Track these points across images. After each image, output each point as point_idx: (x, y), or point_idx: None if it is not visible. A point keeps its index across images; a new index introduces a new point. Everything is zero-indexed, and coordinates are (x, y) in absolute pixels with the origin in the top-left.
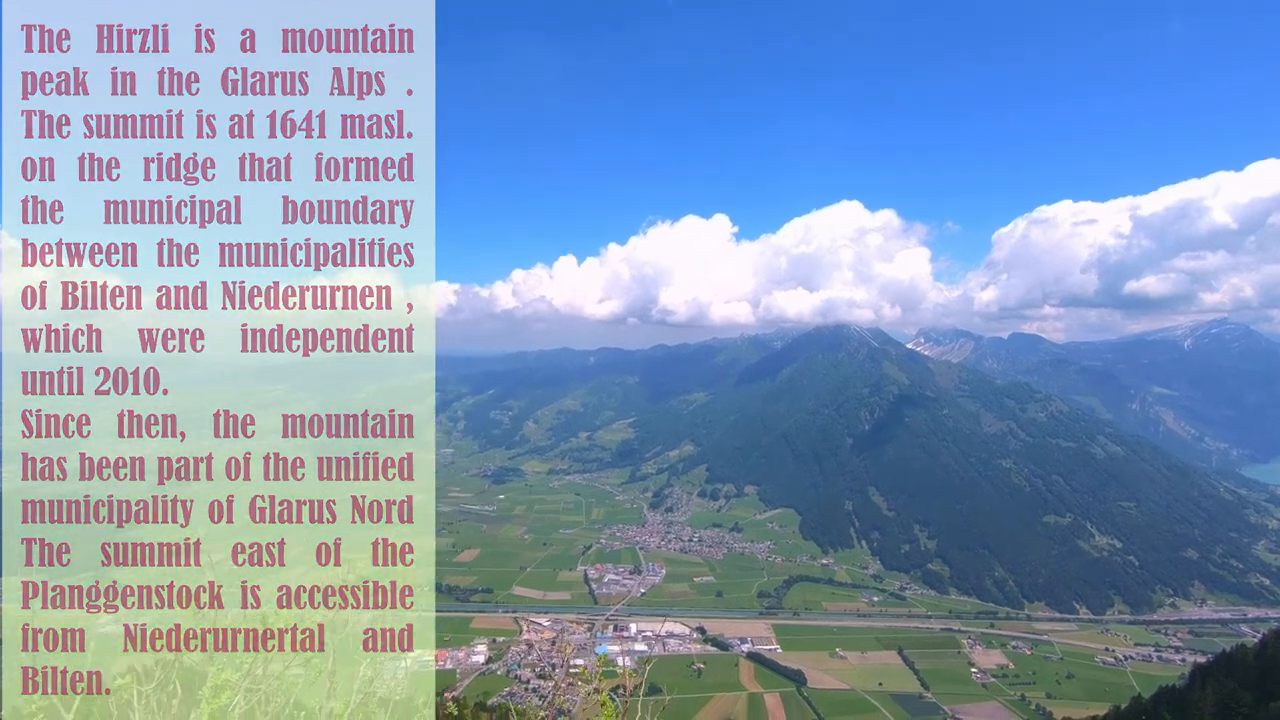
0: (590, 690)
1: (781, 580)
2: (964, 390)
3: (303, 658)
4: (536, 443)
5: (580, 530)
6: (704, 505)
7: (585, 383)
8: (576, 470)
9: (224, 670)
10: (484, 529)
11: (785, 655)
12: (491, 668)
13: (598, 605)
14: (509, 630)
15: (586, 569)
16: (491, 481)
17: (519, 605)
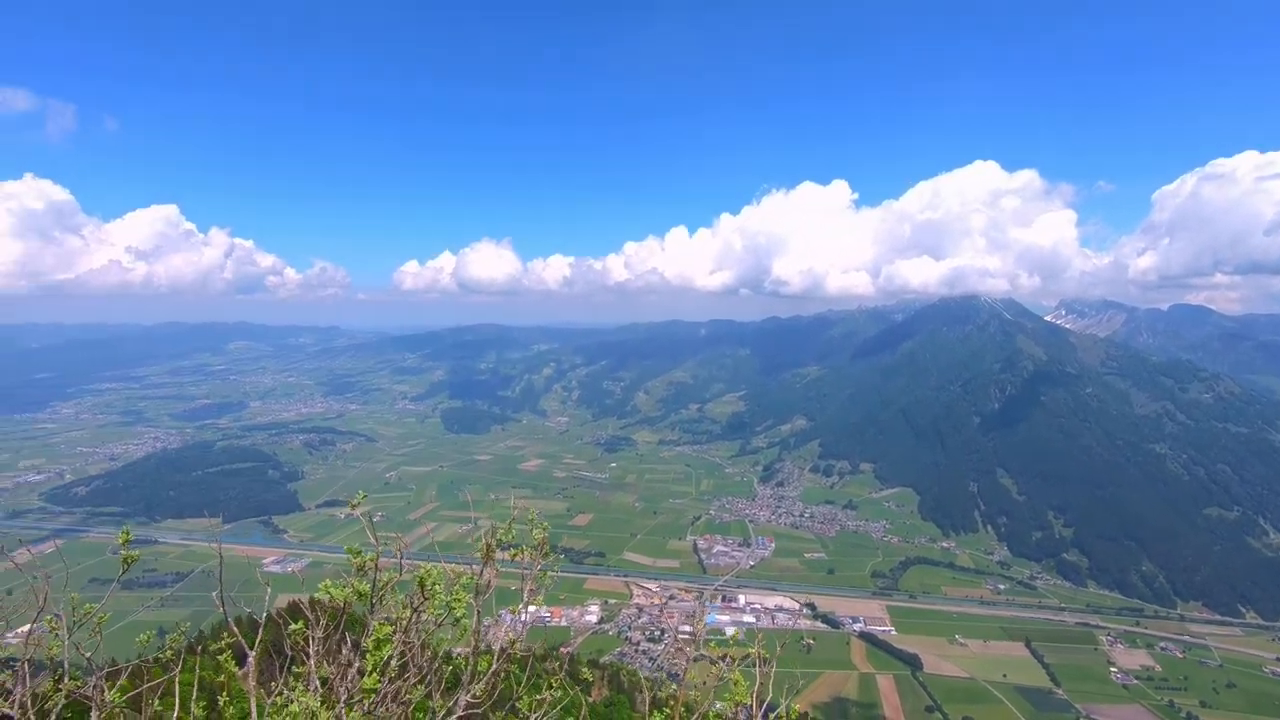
0: (698, 657)
1: (897, 561)
2: (1111, 367)
3: (451, 615)
4: (647, 413)
5: (689, 501)
6: (816, 481)
7: (696, 355)
8: (686, 441)
9: (384, 625)
10: (597, 495)
11: (900, 638)
12: (603, 627)
13: (706, 575)
14: (620, 593)
15: (695, 539)
16: (604, 450)
17: (629, 570)
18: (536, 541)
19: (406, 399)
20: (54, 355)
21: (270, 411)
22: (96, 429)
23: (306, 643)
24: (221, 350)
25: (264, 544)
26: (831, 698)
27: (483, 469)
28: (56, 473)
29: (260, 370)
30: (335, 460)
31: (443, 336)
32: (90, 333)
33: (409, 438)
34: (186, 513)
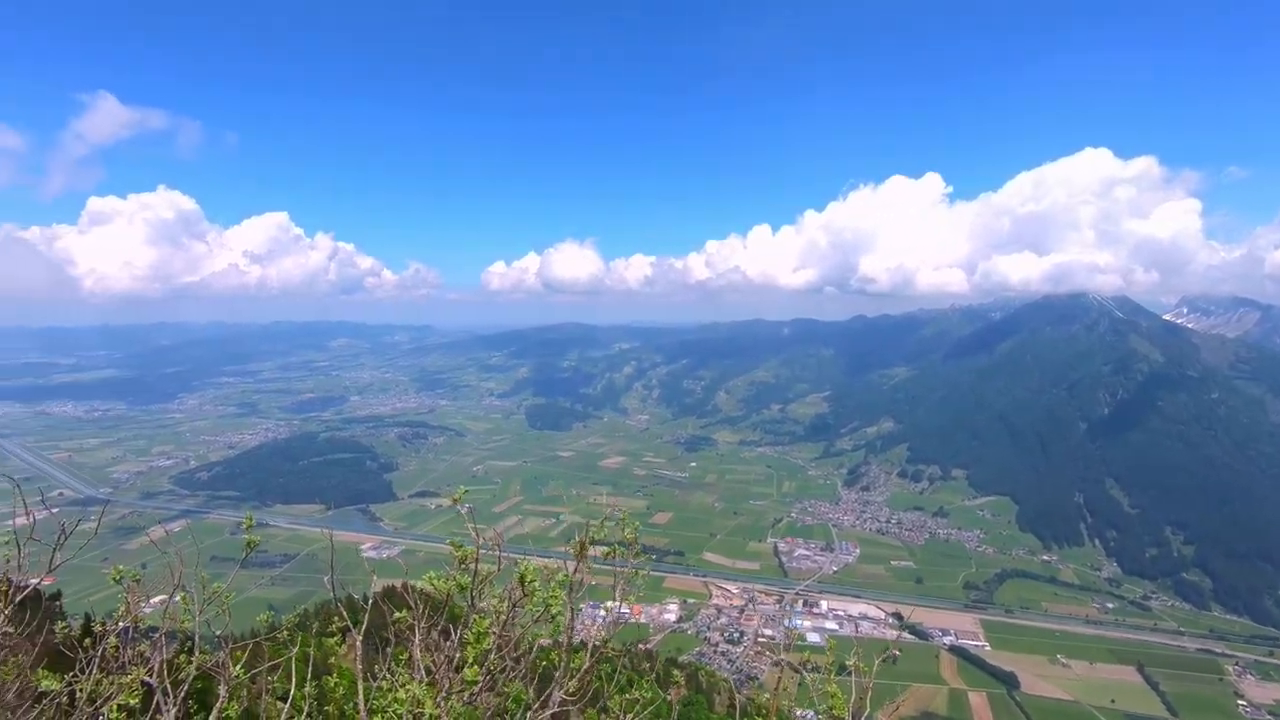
0: (778, 662)
1: (992, 573)
2: (1243, 371)
3: (547, 612)
4: (728, 413)
5: (770, 502)
6: (904, 486)
7: (778, 354)
8: (768, 442)
9: (483, 618)
10: (676, 494)
11: (994, 654)
12: (682, 626)
13: (787, 578)
14: (699, 593)
15: (776, 541)
16: (684, 449)
17: (709, 570)
18: (628, 541)
19: (493, 395)
20: (182, 351)
21: (368, 406)
22: (217, 419)
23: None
24: (325, 347)
25: (362, 530)
26: (919, 712)
27: (564, 465)
28: (183, 458)
29: (359, 366)
30: (427, 453)
31: (527, 335)
32: (212, 331)
33: (495, 433)
34: (294, 499)
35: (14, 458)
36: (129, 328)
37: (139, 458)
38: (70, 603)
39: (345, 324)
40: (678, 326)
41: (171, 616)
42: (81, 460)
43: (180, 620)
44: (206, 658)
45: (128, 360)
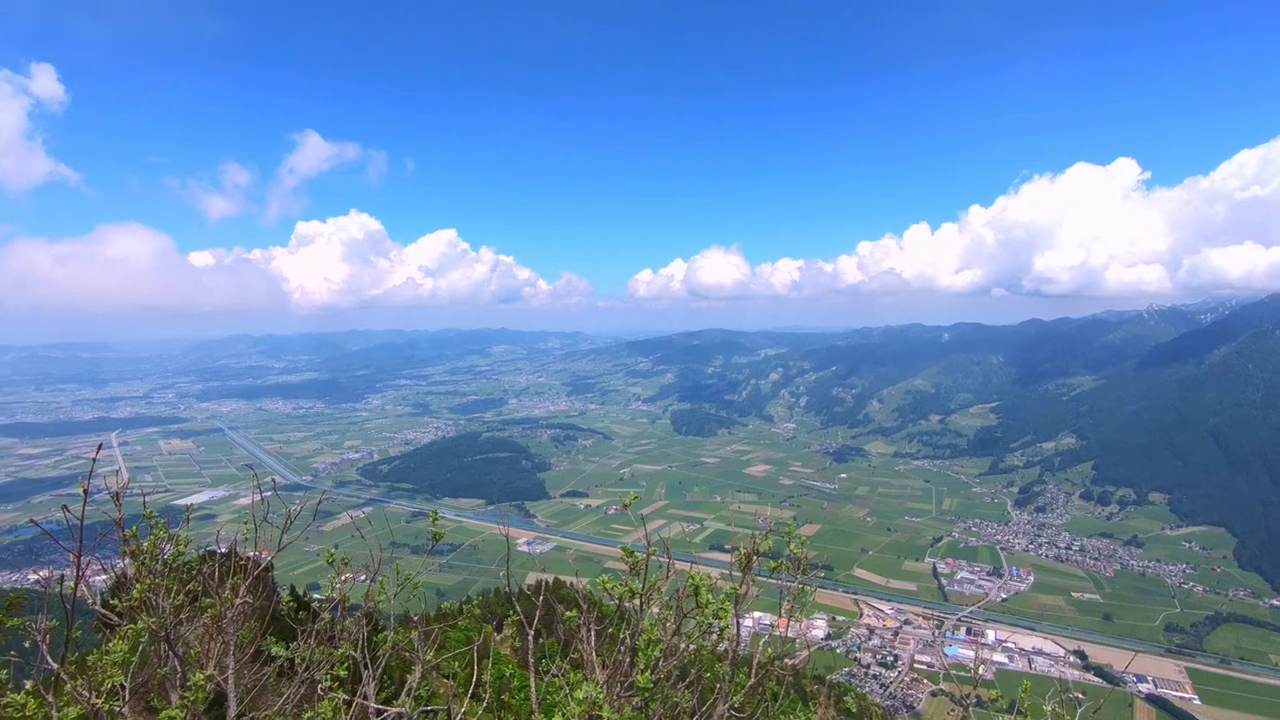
0: (936, 692)
1: (1203, 616)
2: None
3: (717, 624)
4: (881, 423)
5: (928, 520)
6: (1088, 510)
7: (937, 361)
8: (925, 455)
9: (653, 627)
10: (825, 506)
11: (1205, 710)
12: (830, 644)
13: (948, 603)
14: (848, 611)
15: (935, 561)
16: (833, 459)
17: (859, 587)
18: (797, 556)
19: (639, 400)
20: (368, 357)
21: (524, 408)
22: (396, 417)
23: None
24: (487, 353)
25: (518, 526)
26: None
27: (709, 471)
28: (368, 452)
29: (516, 371)
30: (576, 454)
31: (673, 341)
32: (392, 338)
33: (641, 437)
34: (459, 493)
35: (239, 447)
36: (326, 335)
37: (334, 450)
38: (276, 575)
39: (505, 331)
40: (826, 332)
41: (371, 597)
42: (289, 451)
43: (376, 601)
44: (401, 637)
45: (325, 364)
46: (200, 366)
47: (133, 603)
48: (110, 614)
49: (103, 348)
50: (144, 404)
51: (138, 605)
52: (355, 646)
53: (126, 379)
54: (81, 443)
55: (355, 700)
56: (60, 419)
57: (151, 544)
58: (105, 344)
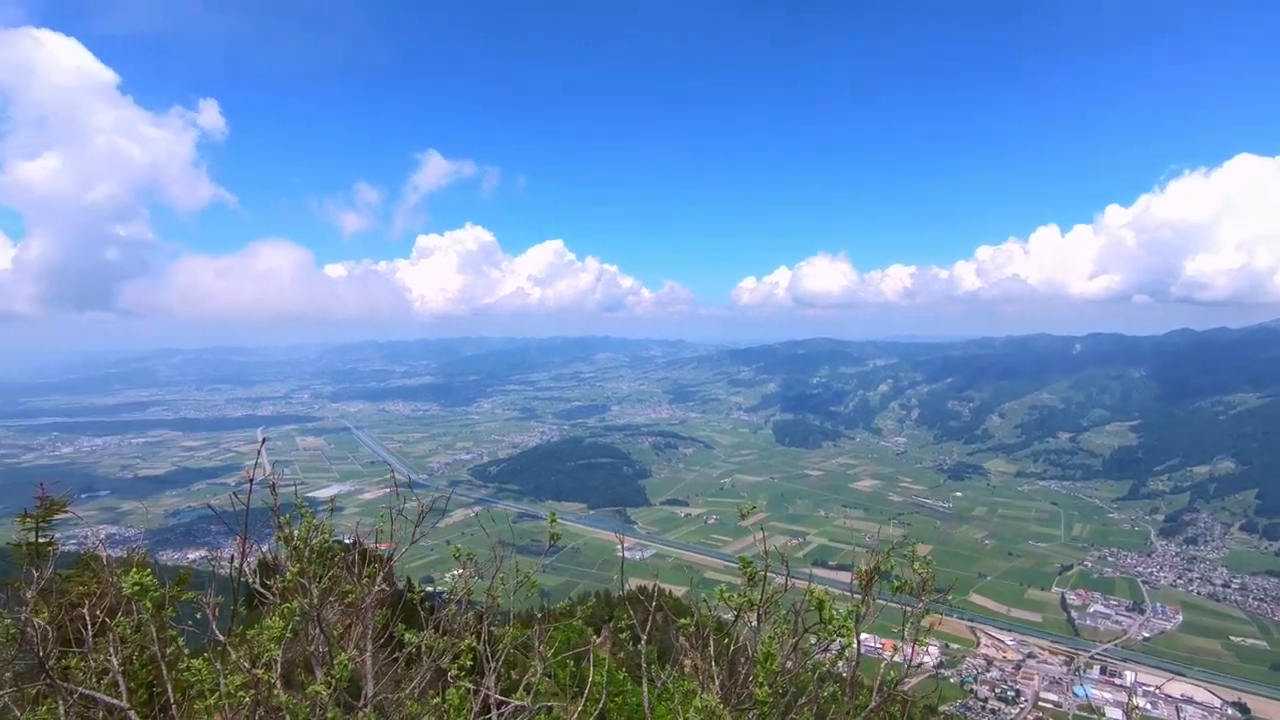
0: None
1: None
2: None
3: (837, 642)
4: (1002, 439)
5: (1056, 546)
6: (1250, 543)
7: (1068, 374)
8: (1053, 476)
9: (771, 641)
10: (938, 526)
11: None
12: (943, 673)
13: (1078, 638)
14: (963, 638)
15: (1064, 592)
16: (947, 477)
17: (976, 614)
18: (921, 578)
19: (741, 409)
20: (480, 362)
21: (626, 415)
22: (504, 421)
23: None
24: (591, 360)
25: (619, 531)
26: None
27: (812, 483)
28: (479, 454)
29: (619, 378)
30: (677, 462)
31: (776, 350)
32: (502, 345)
33: (742, 447)
34: (562, 496)
35: (364, 446)
36: (443, 341)
37: (447, 451)
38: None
39: (609, 339)
40: (941, 341)
41: (491, 593)
42: (408, 450)
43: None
44: (518, 633)
45: (441, 369)
46: (332, 370)
47: (287, 584)
48: (267, 593)
49: (250, 352)
50: (284, 403)
51: (291, 587)
52: (478, 639)
53: (269, 380)
54: (232, 437)
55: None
56: (215, 415)
57: (303, 531)
58: (253, 348)
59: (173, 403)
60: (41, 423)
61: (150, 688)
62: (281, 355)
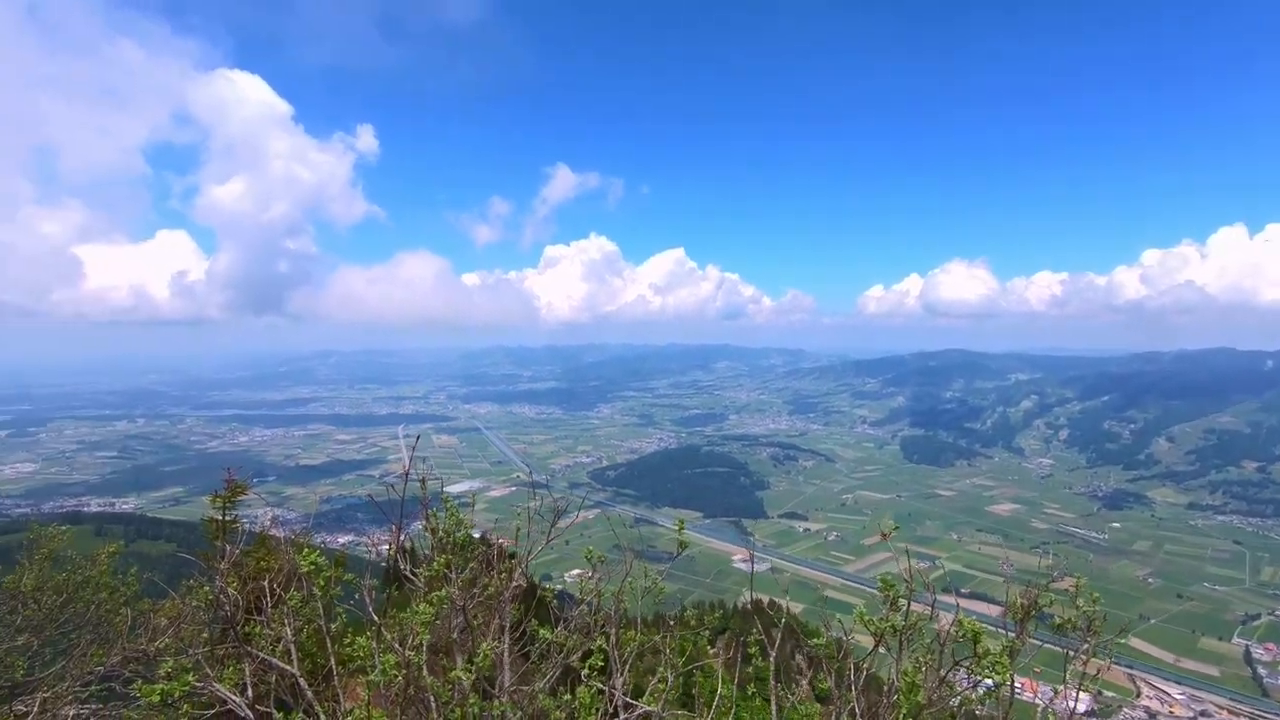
0: None
1: None
2: None
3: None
4: (1171, 465)
5: (1238, 591)
6: None
7: (1256, 394)
8: (1235, 510)
9: (915, 670)
10: (1091, 559)
11: None
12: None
13: (1267, 699)
14: (1120, 687)
15: (1248, 644)
16: (1102, 505)
17: (1135, 660)
18: (1090, 616)
19: (865, 423)
20: (600, 369)
21: (744, 424)
22: (623, 426)
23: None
24: (710, 369)
25: (734, 542)
26: None
27: (943, 504)
28: (597, 458)
29: (738, 387)
30: (796, 475)
31: (905, 362)
32: (622, 352)
33: (866, 462)
34: (678, 503)
35: (493, 445)
36: (566, 348)
37: (568, 453)
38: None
39: (728, 347)
40: (1095, 355)
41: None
42: (532, 452)
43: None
44: (647, 638)
45: (564, 374)
46: (465, 373)
47: (434, 573)
48: (415, 580)
49: (395, 354)
50: (422, 403)
51: (437, 576)
52: (608, 640)
53: (410, 381)
54: (377, 433)
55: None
56: (364, 413)
57: (450, 523)
58: (397, 351)
59: (329, 399)
60: (224, 414)
61: (314, 659)
62: (422, 358)
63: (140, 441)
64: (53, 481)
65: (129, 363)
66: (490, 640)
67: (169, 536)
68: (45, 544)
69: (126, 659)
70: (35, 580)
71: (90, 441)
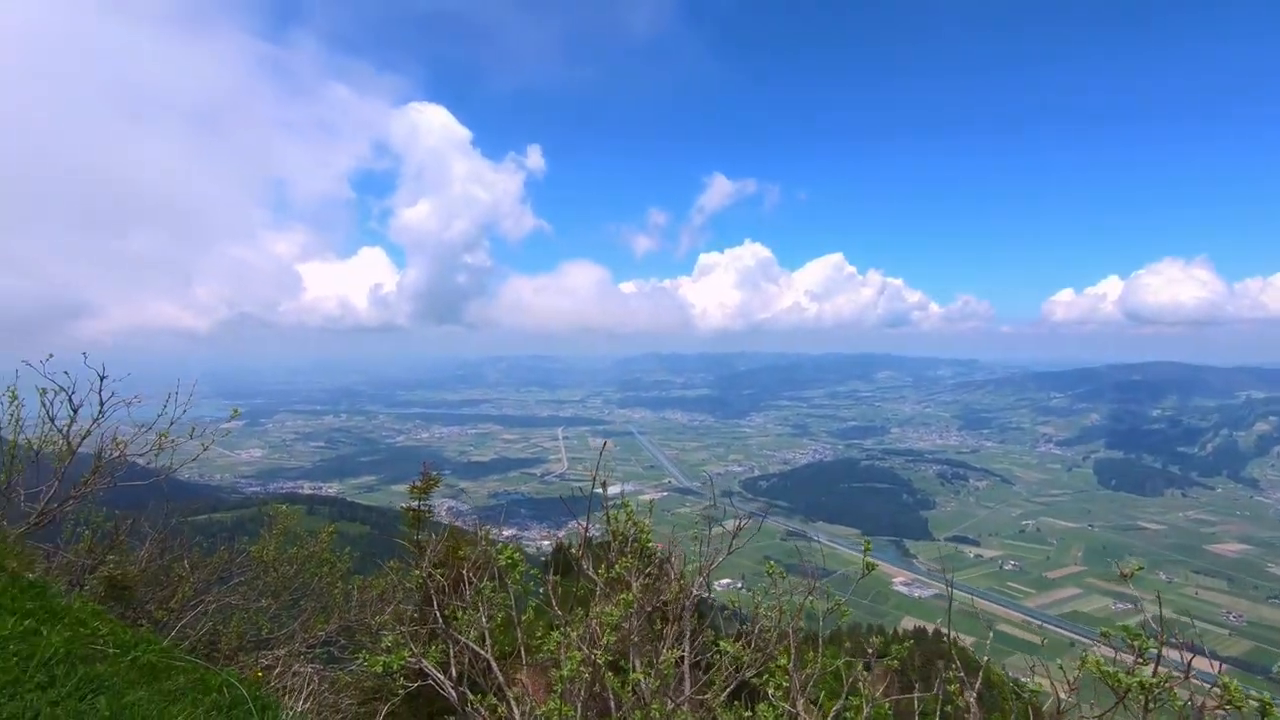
0: None
1: None
2: None
3: None
4: None
5: None
6: None
7: None
8: None
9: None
10: None
11: None
12: None
13: None
14: None
15: None
16: None
17: None
18: None
19: (1050, 442)
20: (753, 377)
21: (907, 439)
22: (776, 436)
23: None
24: (870, 379)
25: (894, 564)
26: None
27: (1149, 539)
28: (749, 467)
29: (900, 399)
30: (966, 496)
31: (1100, 375)
32: (777, 360)
33: (1051, 485)
34: (834, 518)
35: (645, 450)
36: (718, 355)
37: (719, 461)
38: None
39: (889, 356)
40: None
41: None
42: (683, 458)
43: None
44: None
45: (716, 382)
46: (620, 379)
47: (614, 575)
48: (595, 579)
49: (556, 360)
50: (580, 407)
51: (618, 578)
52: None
53: (570, 386)
54: (540, 434)
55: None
56: (528, 414)
57: (629, 526)
58: (558, 357)
59: (497, 401)
60: (410, 412)
61: (501, 646)
62: (581, 364)
63: (342, 434)
64: (276, 466)
65: (336, 365)
66: (670, 647)
67: (364, 519)
68: (281, 521)
69: (342, 627)
70: (275, 552)
71: (304, 432)
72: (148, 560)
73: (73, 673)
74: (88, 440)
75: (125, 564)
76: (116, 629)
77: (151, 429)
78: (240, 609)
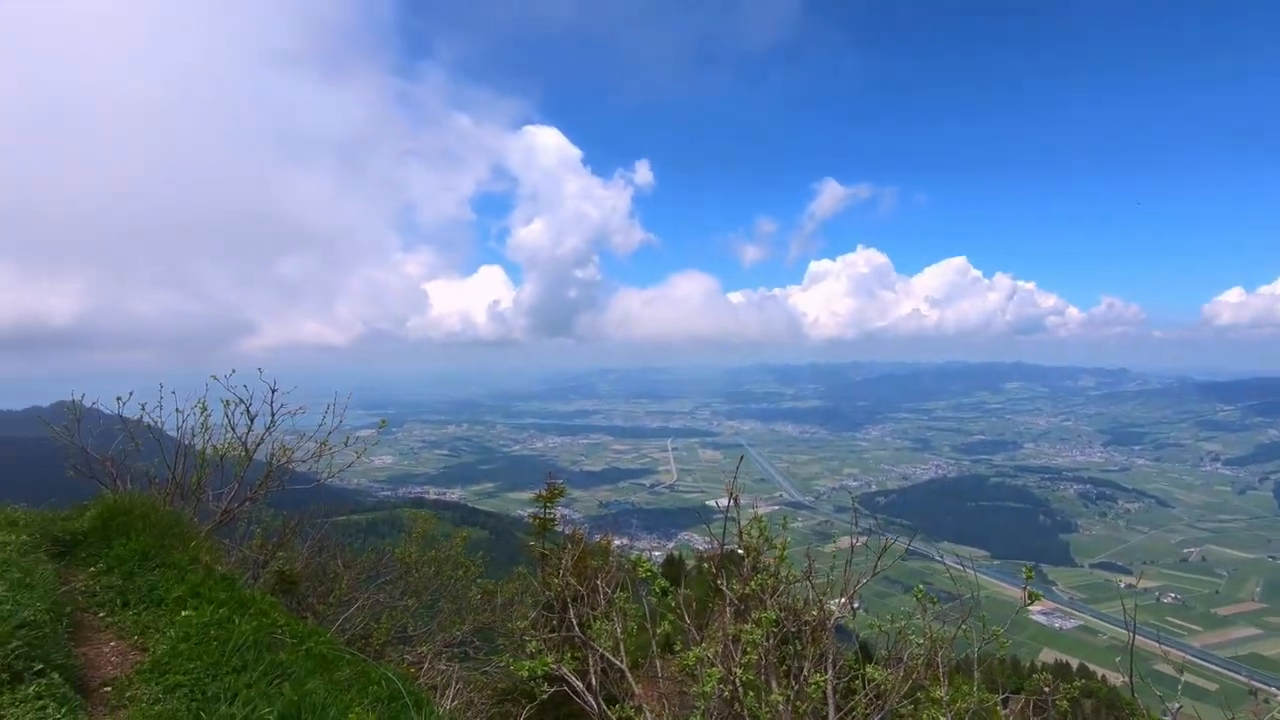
0: None
1: None
2: None
3: None
4: None
5: None
6: None
7: None
8: None
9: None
10: None
11: None
12: None
13: None
14: None
15: None
16: None
17: None
18: None
19: (1217, 461)
20: (869, 388)
21: (1043, 455)
22: (894, 450)
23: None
24: (999, 389)
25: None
26: None
27: None
28: (865, 482)
29: (1034, 411)
30: (1115, 519)
31: (1278, 385)
32: (894, 370)
33: (1219, 510)
34: (959, 539)
35: (756, 463)
36: (831, 366)
37: (833, 475)
38: None
39: (1020, 365)
40: None
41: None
42: (794, 471)
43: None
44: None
45: (829, 393)
46: (729, 390)
47: (748, 591)
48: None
49: (665, 371)
50: (689, 418)
51: (753, 595)
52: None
53: (679, 397)
54: (649, 445)
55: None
56: (637, 425)
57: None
58: (667, 368)
59: (607, 412)
60: (525, 422)
61: (634, 657)
62: (689, 375)
63: (464, 443)
64: (405, 472)
65: (458, 377)
66: (813, 669)
67: (483, 524)
68: (419, 526)
69: (476, 629)
70: (417, 554)
71: (430, 440)
72: (308, 558)
73: (260, 659)
74: (260, 447)
75: (291, 560)
76: (291, 620)
77: (312, 437)
78: (387, 607)
